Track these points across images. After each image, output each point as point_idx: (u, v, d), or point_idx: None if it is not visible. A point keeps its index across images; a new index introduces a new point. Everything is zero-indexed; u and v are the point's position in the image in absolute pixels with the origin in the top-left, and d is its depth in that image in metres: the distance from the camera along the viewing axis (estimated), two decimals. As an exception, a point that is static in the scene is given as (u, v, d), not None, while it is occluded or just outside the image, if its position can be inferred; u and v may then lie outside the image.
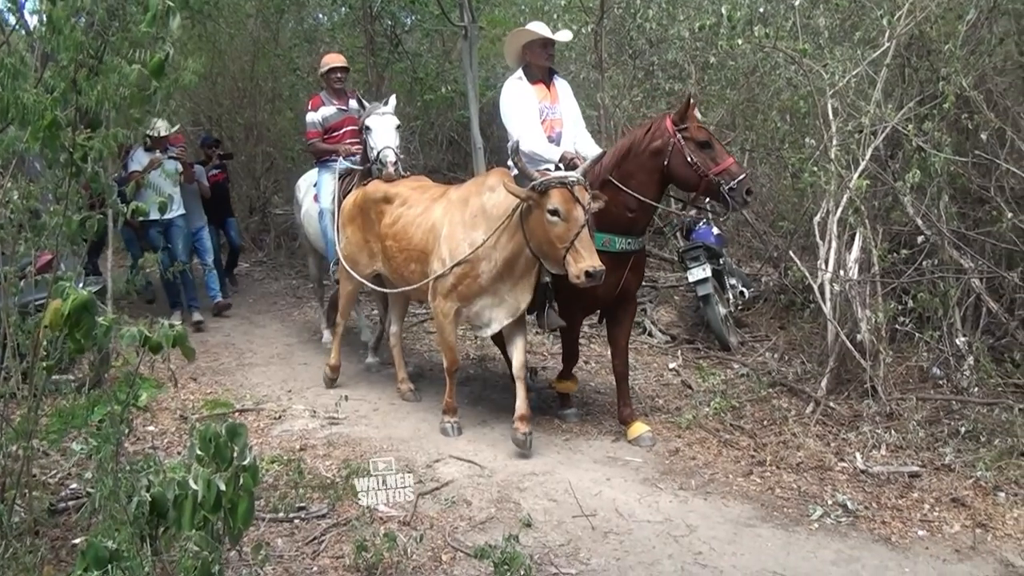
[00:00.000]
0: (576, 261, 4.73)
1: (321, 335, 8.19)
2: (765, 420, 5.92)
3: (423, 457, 5.30)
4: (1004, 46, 6.67)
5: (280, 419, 6.04)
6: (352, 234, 6.49)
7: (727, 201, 5.12)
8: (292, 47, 13.08)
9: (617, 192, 5.27)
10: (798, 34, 6.87)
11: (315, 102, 7.66)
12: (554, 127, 5.80)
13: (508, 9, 11.49)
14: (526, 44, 5.79)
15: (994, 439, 5.28)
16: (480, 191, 5.41)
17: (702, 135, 5.22)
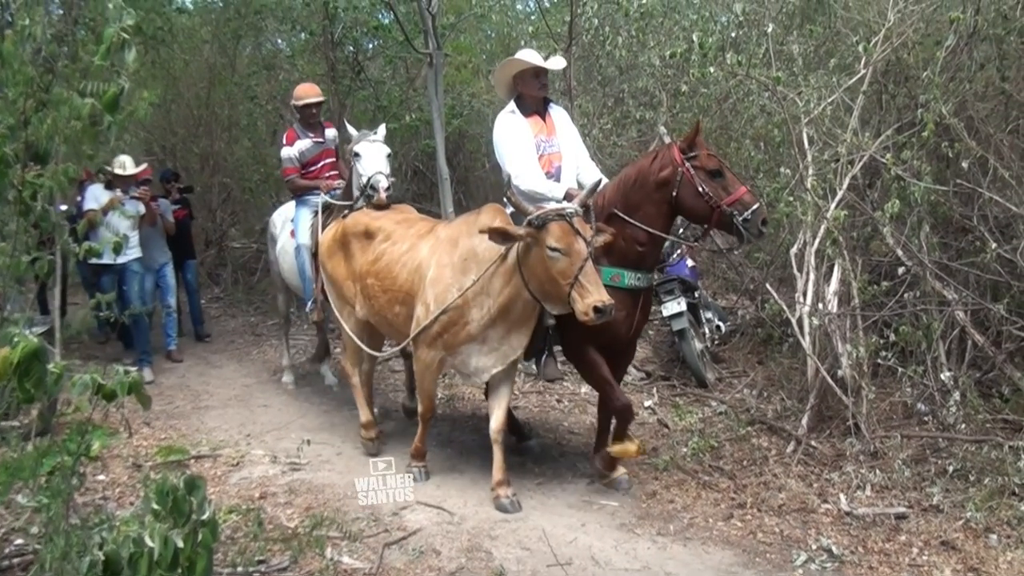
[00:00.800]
0: (583, 297, 4.55)
1: (281, 375, 8.12)
2: (745, 460, 5.93)
3: (389, 504, 5.22)
4: (985, 72, 6.77)
5: (238, 466, 5.97)
6: (332, 270, 6.26)
7: (741, 233, 4.99)
8: (250, 74, 13.07)
9: (624, 225, 5.13)
10: (771, 61, 6.99)
11: (290, 136, 7.47)
12: (552, 162, 5.61)
13: (474, 36, 11.59)
14: (517, 74, 5.60)
15: (984, 478, 5.30)
16: (471, 232, 5.09)
17: (712, 163, 5.07)
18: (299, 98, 7.50)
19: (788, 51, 7.36)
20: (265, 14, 12.52)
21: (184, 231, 9.76)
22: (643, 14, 7.85)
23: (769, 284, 7.26)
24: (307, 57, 12.94)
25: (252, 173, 13.23)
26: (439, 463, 5.97)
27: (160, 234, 8.86)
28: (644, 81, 8.38)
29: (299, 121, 7.53)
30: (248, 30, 12.95)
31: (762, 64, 7.00)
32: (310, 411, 7.17)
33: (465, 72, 10.87)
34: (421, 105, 10.71)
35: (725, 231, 5.21)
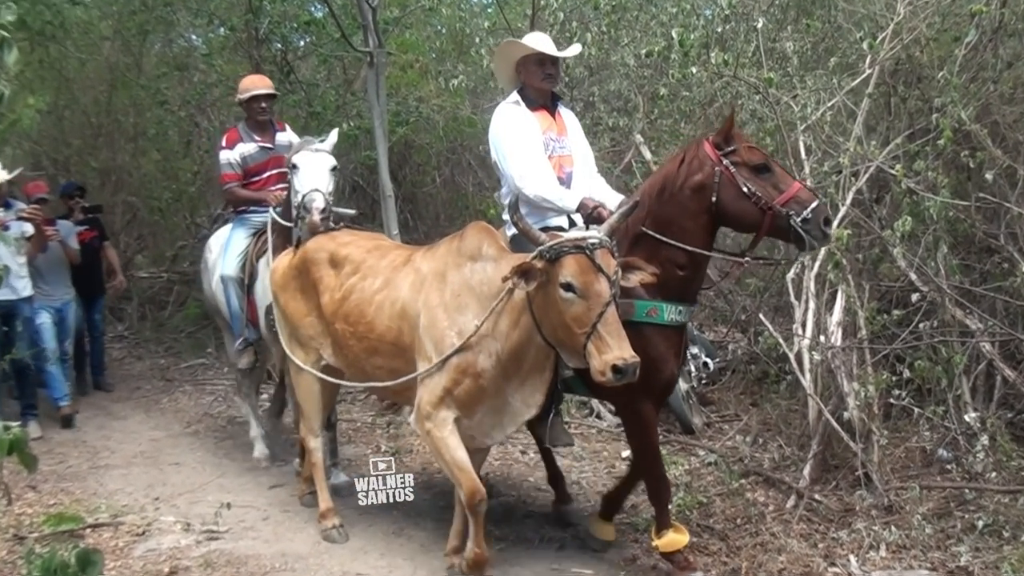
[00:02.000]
0: (600, 351, 4.08)
1: (253, 447, 7.45)
2: (739, 518, 5.93)
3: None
4: (1013, 71, 6.87)
5: (144, 535, 5.85)
6: (287, 305, 5.84)
7: (801, 237, 4.61)
8: (159, 75, 13.02)
9: (657, 246, 4.76)
10: (762, 60, 7.06)
11: (231, 137, 7.14)
12: (563, 166, 5.27)
13: (422, 31, 11.60)
14: (520, 61, 5.28)
15: (1020, 534, 5.30)
16: (459, 262, 4.79)
17: (756, 157, 4.73)
18: (245, 90, 7.17)
19: (782, 49, 7.47)
20: (177, 6, 12.45)
21: (92, 259, 9.34)
22: (615, 7, 7.92)
23: (763, 314, 7.31)
24: (227, 56, 12.89)
25: (162, 191, 13.17)
26: (383, 527, 5.90)
27: (62, 264, 8.49)
28: (617, 83, 8.45)
29: (245, 121, 7.22)
30: (157, 24, 12.86)
31: (752, 64, 7.11)
32: (230, 469, 7.10)
33: (412, 73, 10.87)
34: (361, 111, 10.70)
35: (780, 238, 4.93)
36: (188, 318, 12.05)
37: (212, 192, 13.57)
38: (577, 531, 5.88)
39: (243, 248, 6.86)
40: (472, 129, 10.23)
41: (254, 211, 6.99)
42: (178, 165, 13.46)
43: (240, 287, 6.77)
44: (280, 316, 5.98)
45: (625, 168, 8.33)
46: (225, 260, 6.92)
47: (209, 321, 11.25)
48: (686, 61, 7.11)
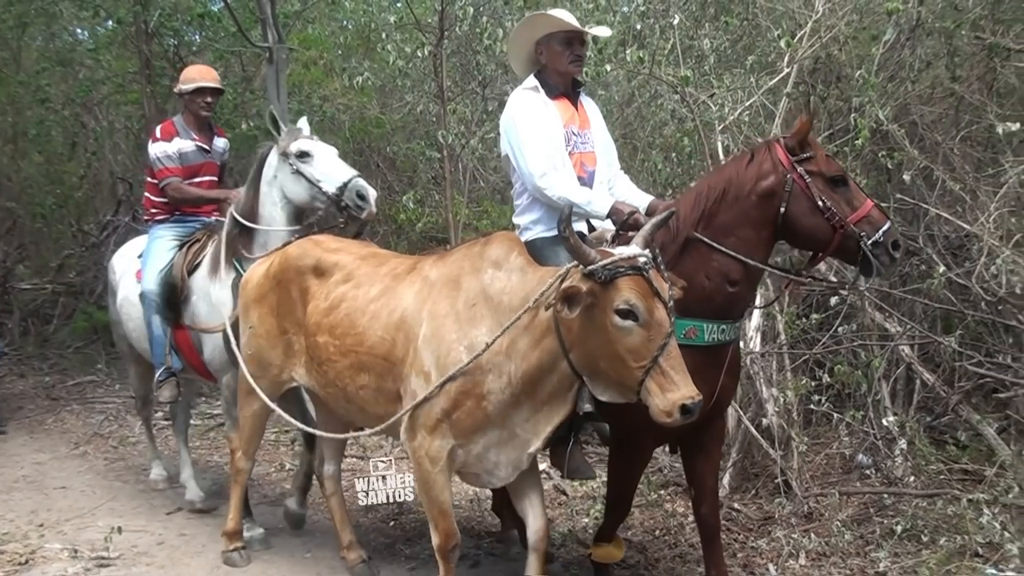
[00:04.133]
0: (664, 390, 3.74)
1: (150, 470, 7.33)
2: (657, 529, 6.09)
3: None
4: (931, 71, 7.17)
5: (27, 564, 5.78)
6: (260, 321, 5.34)
7: (870, 261, 4.37)
8: (40, 71, 12.87)
9: (710, 255, 4.45)
10: (679, 59, 7.24)
11: (167, 129, 6.54)
12: (584, 164, 4.86)
13: (326, 26, 11.66)
14: (542, 39, 4.83)
15: (939, 538, 5.55)
16: (478, 267, 4.40)
17: (833, 169, 4.46)
18: (189, 80, 6.57)
19: (699, 47, 7.60)
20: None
21: None
22: (527, 2, 8.03)
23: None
24: (115, 51, 12.86)
25: (45, 195, 13.02)
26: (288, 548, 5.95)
27: None
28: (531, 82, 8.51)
29: (184, 115, 6.65)
30: (37, 17, 12.71)
31: (669, 62, 7.24)
32: (122, 492, 7.08)
33: (315, 70, 10.91)
34: (260, 110, 10.67)
35: (845, 260, 4.71)
36: (75, 332, 11.91)
37: (100, 197, 13.49)
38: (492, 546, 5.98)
39: (167, 260, 6.34)
40: (380, 130, 10.26)
41: (181, 219, 6.62)
42: (63, 168, 13.35)
43: (162, 307, 6.24)
44: (248, 331, 5.46)
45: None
46: (147, 271, 6.34)
47: (98, 335, 11.22)
48: (601, 59, 7.24)
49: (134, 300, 6.52)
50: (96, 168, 13.44)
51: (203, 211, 6.64)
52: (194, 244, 6.37)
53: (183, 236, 6.49)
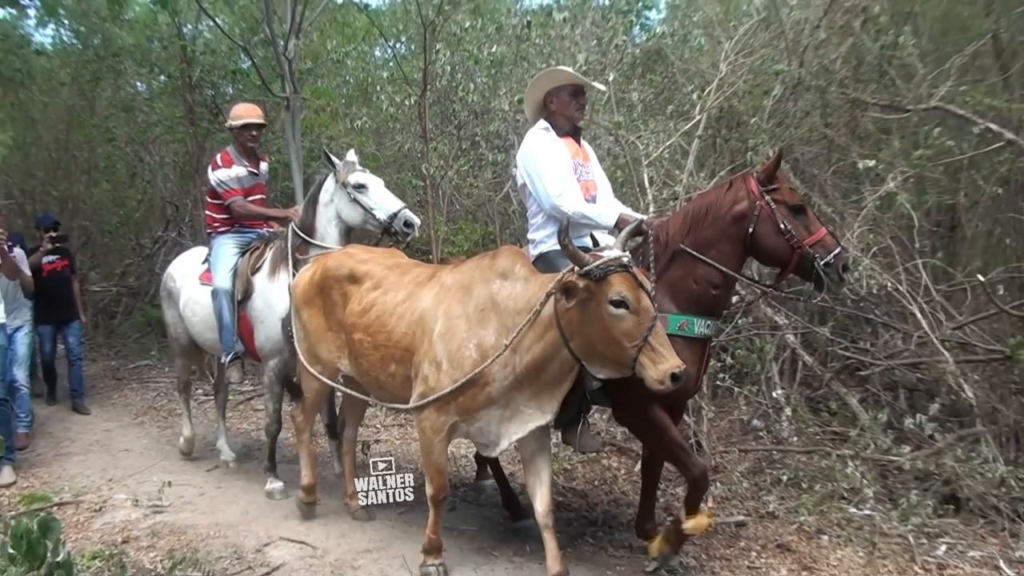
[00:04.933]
0: (655, 363, 3.79)
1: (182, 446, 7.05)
2: (596, 480, 6.15)
3: (252, 541, 5.22)
4: (809, 119, 7.26)
5: (101, 511, 5.84)
6: (311, 320, 5.32)
7: (821, 279, 4.38)
8: (108, 116, 12.88)
9: (695, 264, 4.48)
10: (614, 107, 7.30)
11: (225, 158, 6.42)
12: (589, 190, 4.86)
13: (333, 80, 11.65)
14: (552, 91, 4.84)
15: (815, 485, 5.69)
16: (488, 278, 4.37)
17: (794, 199, 4.49)
18: (238, 117, 6.47)
19: (629, 98, 7.66)
20: (124, 56, 12.40)
21: (63, 286, 8.64)
22: (493, 63, 8.06)
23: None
24: (166, 100, 12.81)
25: (111, 216, 12.99)
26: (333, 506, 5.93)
27: (14, 290, 7.42)
28: (496, 125, 8.58)
29: (235, 145, 6.52)
30: (107, 72, 12.76)
31: (605, 110, 7.30)
32: (172, 453, 7.08)
33: (324, 116, 10.90)
34: (280, 148, 10.68)
35: (802, 276, 4.60)
36: (135, 326, 11.89)
37: (153, 217, 13.45)
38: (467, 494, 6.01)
39: (233, 263, 6.28)
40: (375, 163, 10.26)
41: (240, 230, 6.49)
42: (125, 194, 13.30)
43: (232, 300, 6.20)
44: (301, 329, 5.44)
45: (504, 196, 8.48)
46: (218, 273, 6.26)
47: (152, 328, 11.17)
48: (550, 108, 7.27)
49: (200, 299, 6.44)
50: (150, 194, 13.40)
51: (258, 224, 6.56)
52: (254, 251, 6.31)
53: (244, 244, 6.41)
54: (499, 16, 9.57)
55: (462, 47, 8.50)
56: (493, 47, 8.13)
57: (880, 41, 6.79)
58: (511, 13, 9.62)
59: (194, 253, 6.96)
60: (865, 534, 5.11)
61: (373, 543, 5.19)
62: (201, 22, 11.96)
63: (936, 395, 6.23)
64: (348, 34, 12.04)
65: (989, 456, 5.55)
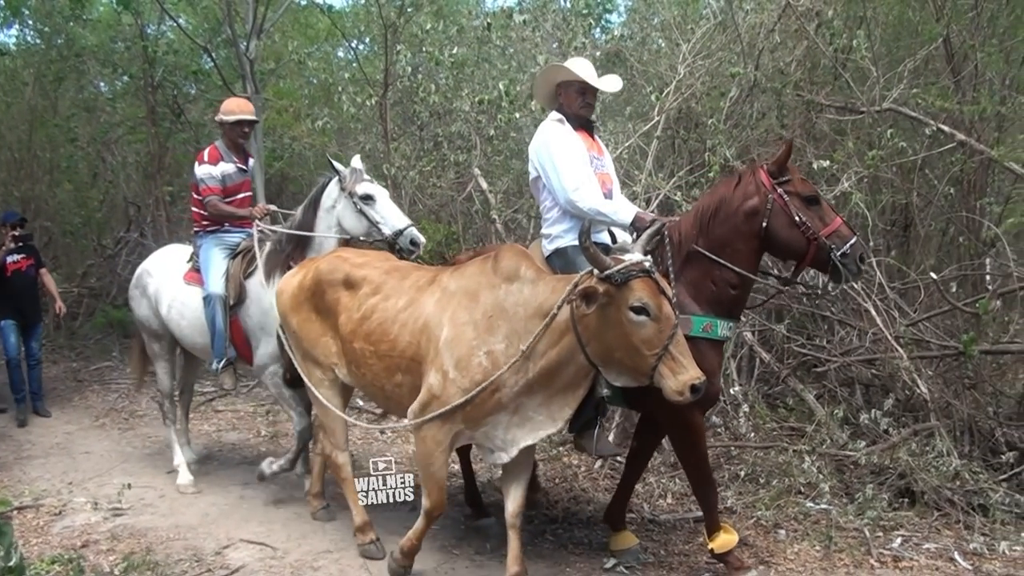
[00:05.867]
0: (675, 373, 3.62)
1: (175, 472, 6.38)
2: (557, 478, 6.14)
3: (211, 544, 5.16)
4: (765, 120, 7.30)
5: (60, 514, 5.74)
6: (302, 326, 4.97)
7: (839, 270, 4.24)
8: (70, 116, 12.73)
9: (711, 266, 4.32)
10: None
11: (212, 154, 6.13)
12: (605, 183, 4.66)
13: (295, 81, 11.58)
14: (561, 84, 4.70)
15: (772, 480, 5.73)
16: (493, 283, 4.13)
17: (808, 190, 4.32)
18: (229, 113, 6.18)
19: (588, 100, 7.66)
20: (87, 56, 12.22)
21: (30, 287, 8.40)
22: (454, 64, 8.04)
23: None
24: (128, 100, 12.70)
25: (73, 216, 12.85)
26: (264, 499, 5.92)
27: None
28: (458, 126, 8.53)
29: (224, 140, 6.23)
30: (70, 72, 12.59)
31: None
32: (132, 455, 6.98)
33: (286, 116, 10.83)
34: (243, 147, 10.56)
35: (819, 269, 4.48)
36: (96, 327, 11.73)
37: (115, 218, 13.32)
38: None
39: (225, 266, 5.98)
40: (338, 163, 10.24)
41: (227, 230, 6.18)
42: (87, 194, 13.17)
43: (225, 306, 5.88)
44: (292, 337, 5.10)
45: (467, 196, 8.46)
46: (211, 278, 5.93)
47: (113, 329, 11.01)
48: (512, 108, 7.27)
49: (187, 301, 6.10)
50: (112, 194, 13.26)
51: (246, 224, 6.13)
52: (247, 253, 5.99)
53: (232, 246, 6.11)
54: (460, 18, 9.52)
55: (423, 48, 8.46)
56: (454, 48, 8.08)
57: (834, 44, 6.84)
58: (472, 15, 9.59)
59: (173, 250, 6.64)
60: (822, 528, 5.14)
61: (334, 544, 5.14)
62: (164, 22, 11.84)
63: (891, 391, 6.31)
64: (311, 35, 11.97)
65: (943, 450, 5.60)
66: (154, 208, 11.92)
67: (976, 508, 5.29)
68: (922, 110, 6.54)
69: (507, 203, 8.03)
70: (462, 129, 8.57)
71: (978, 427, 6.00)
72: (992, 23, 7.02)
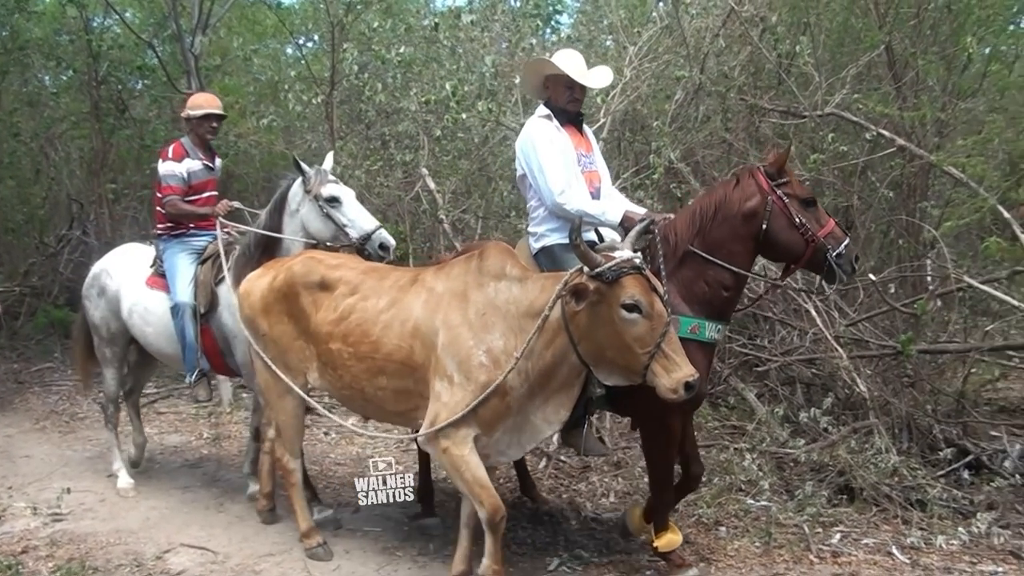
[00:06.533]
0: (668, 371, 3.62)
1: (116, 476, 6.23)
2: (501, 478, 6.13)
3: (152, 548, 5.10)
4: (709, 123, 7.39)
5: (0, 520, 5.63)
6: (273, 329, 4.80)
7: (834, 271, 4.28)
8: (13, 111, 12.42)
9: (706, 266, 4.30)
10: (520, 109, 7.32)
11: (177, 150, 5.85)
12: (593, 181, 4.62)
13: (241, 77, 11.46)
14: (549, 76, 4.62)
15: (713, 478, 5.78)
16: (481, 282, 4.12)
17: (805, 192, 4.36)
18: (197, 107, 5.92)
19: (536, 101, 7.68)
20: (31, 50, 11.94)
21: None
22: (401, 63, 8.02)
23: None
24: (72, 95, 12.46)
25: (15, 213, 12.57)
26: (205, 502, 5.87)
27: None
28: (406, 125, 8.49)
29: (190, 136, 5.96)
30: (13, 66, 12.26)
31: (512, 111, 7.32)
32: (72, 459, 6.87)
33: (232, 113, 10.68)
34: (188, 146, 10.45)
35: (814, 270, 4.52)
36: (37, 327, 11.49)
37: (58, 215, 13.10)
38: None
39: (192, 274, 5.72)
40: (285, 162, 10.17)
41: (193, 233, 5.93)
42: (29, 190, 12.87)
43: (196, 316, 5.63)
44: (261, 340, 4.89)
45: (414, 196, 8.44)
46: (177, 285, 5.67)
47: (55, 329, 10.82)
48: (460, 108, 7.26)
49: (152, 307, 5.83)
50: (55, 191, 13.00)
51: (210, 224, 5.86)
52: (215, 258, 5.70)
53: (199, 250, 5.84)
54: (409, 17, 9.50)
55: (371, 47, 8.42)
56: (402, 48, 8.06)
57: (778, 50, 6.95)
58: (421, 14, 9.58)
59: (134, 250, 6.29)
60: (762, 525, 5.23)
61: (276, 546, 5.11)
62: (109, 16, 11.64)
63: (831, 389, 6.42)
64: (258, 31, 11.85)
65: (882, 447, 5.71)
66: (97, 206, 11.70)
67: (914, 504, 5.39)
68: (863, 115, 6.65)
69: (455, 203, 8.03)
70: (409, 129, 8.55)
71: (916, 424, 6.11)
72: (934, 31, 7.14)
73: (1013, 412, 6.85)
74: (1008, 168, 6.55)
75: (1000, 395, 7.13)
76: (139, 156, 10.89)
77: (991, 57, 7.48)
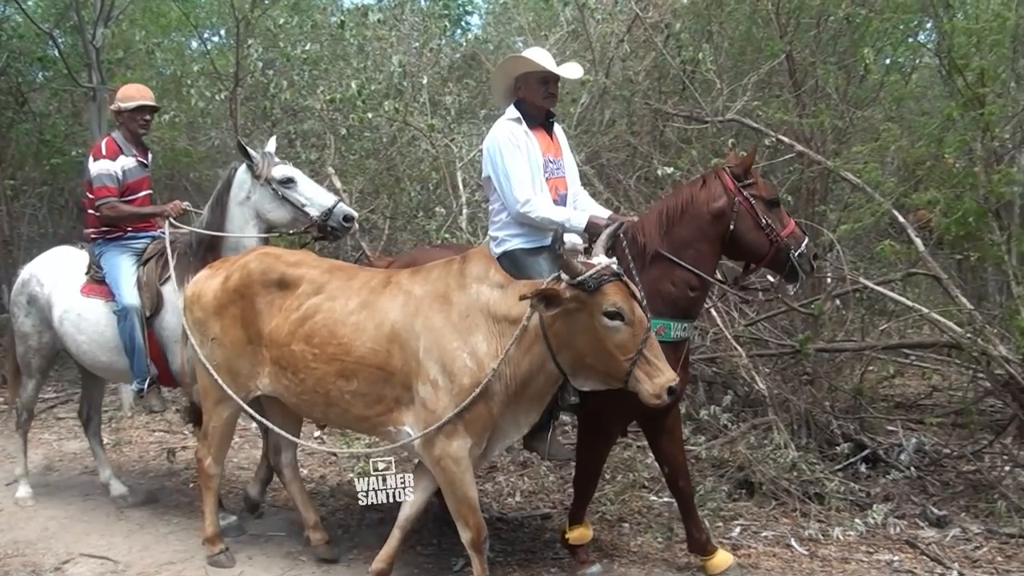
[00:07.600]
0: (651, 376, 3.62)
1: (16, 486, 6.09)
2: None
3: (51, 559, 5.00)
4: (615, 127, 7.51)
5: None
6: (224, 332, 4.56)
7: (796, 270, 4.35)
8: None
9: (673, 268, 4.30)
10: (428, 110, 7.33)
11: (110, 147, 5.48)
12: (558, 188, 4.51)
13: (145, 72, 11.14)
14: (521, 76, 4.47)
15: (617, 475, 5.92)
16: (464, 284, 4.05)
17: (769, 193, 4.40)
18: (128, 99, 5.55)
19: (444, 101, 7.72)
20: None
21: None
22: (307, 60, 7.94)
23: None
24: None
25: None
26: (105, 510, 5.76)
27: None
28: (311, 124, 8.42)
29: (122, 131, 5.61)
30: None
31: (421, 112, 7.32)
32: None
33: (134, 108, 10.49)
34: (87, 140, 10.07)
35: (775, 269, 4.55)
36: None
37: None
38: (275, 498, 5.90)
39: (135, 275, 5.39)
40: (188, 159, 10.03)
41: (131, 235, 5.60)
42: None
43: (143, 319, 5.31)
44: (209, 344, 4.63)
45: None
46: (123, 288, 5.33)
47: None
48: (366, 107, 7.22)
49: (86, 314, 5.50)
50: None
51: (152, 225, 5.61)
52: (159, 257, 5.41)
53: (139, 251, 5.51)
54: (316, 14, 9.40)
55: (277, 43, 8.32)
56: (308, 44, 7.98)
57: (681, 56, 7.05)
58: (328, 12, 9.49)
59: (63, 254, 5.91)
60: (664, 520, 5.34)
61: (177, 554, 5.05)
62: (9, 4, 11.20)
63: (731, 387, 6.61)
64: (162, 24, 11.55)
65: (781, 443, 5.86)
66: (-7, 203, 11.32)
67: (812, 497, 5.56)
68: (764, 121, 6.80)
69: (363, 203, 7.98)
70: (315, 127, 8.49)
71: (815, 420, 6.30)
72: (833, 42, 7.37)
73: (909, 408, 7.14)
74: (903, 174, 6.78)
75: (896, 391, 7.45)
76: (38, 151, 10.52)
77: (889, 68, 7.72)
